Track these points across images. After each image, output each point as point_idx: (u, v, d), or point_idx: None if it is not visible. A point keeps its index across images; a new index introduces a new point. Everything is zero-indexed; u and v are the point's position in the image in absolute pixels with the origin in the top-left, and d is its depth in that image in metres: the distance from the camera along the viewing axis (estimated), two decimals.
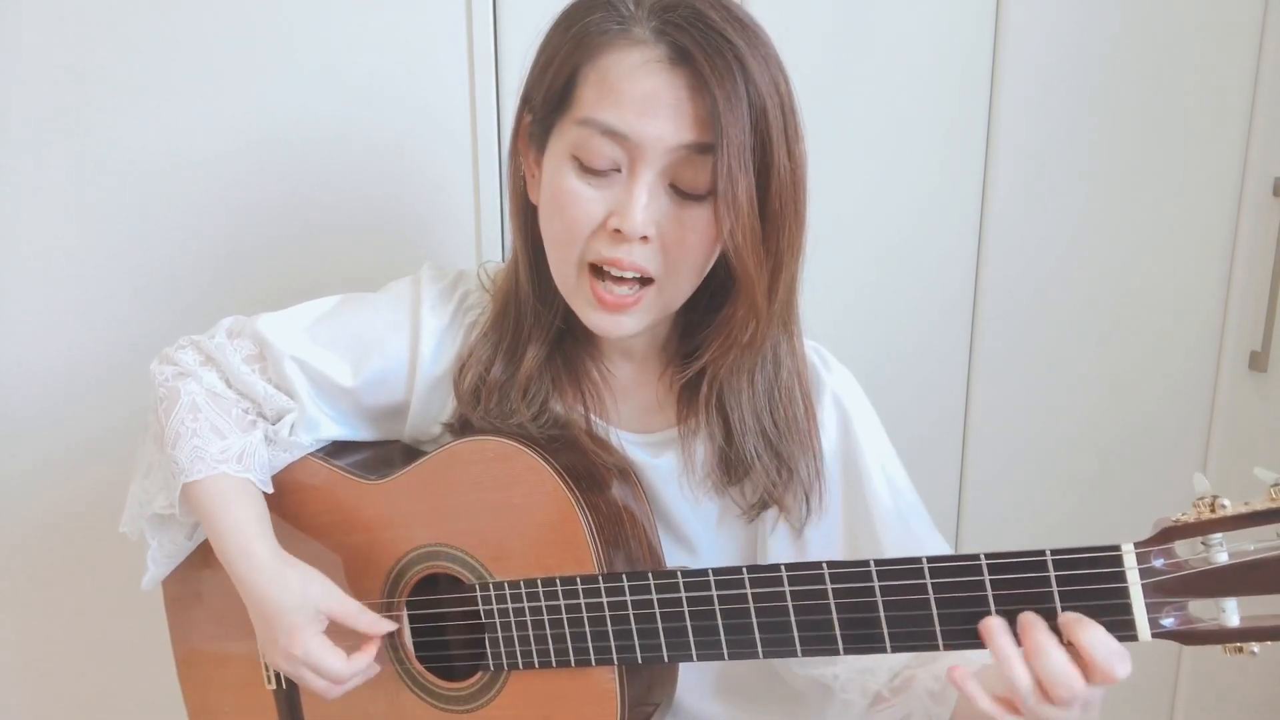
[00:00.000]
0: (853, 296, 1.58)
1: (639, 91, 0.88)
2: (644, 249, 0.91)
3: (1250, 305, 1.63)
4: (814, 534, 1.04)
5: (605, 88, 0.89)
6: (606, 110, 0.89)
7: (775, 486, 1.01)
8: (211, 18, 1.31)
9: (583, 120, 0.90)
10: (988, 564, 0.82)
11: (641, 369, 1.06)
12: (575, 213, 0.92)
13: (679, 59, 0.87)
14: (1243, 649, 0.76)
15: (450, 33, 1.36)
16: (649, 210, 0.90)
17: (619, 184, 0.91)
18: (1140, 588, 0.77)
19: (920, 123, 1.54)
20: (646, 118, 0.88)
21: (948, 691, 0.96)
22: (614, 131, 0.88)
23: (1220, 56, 1.57)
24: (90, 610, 1.45)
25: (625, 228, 0.89)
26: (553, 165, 0.93)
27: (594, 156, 0.90)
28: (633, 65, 0.88)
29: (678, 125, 0.88)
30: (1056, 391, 1.65)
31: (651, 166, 0.89)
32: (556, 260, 0.96)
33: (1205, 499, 0.77)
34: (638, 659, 0.95)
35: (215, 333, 1.10)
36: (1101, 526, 1.69)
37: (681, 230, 0.91)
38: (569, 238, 0.93)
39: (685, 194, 0.91)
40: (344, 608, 1.01)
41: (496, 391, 1.02)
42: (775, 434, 1.00)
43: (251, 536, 1.01)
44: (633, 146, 0.89)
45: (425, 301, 1.06)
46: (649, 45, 0.88)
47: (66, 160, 1.32)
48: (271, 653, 1.02)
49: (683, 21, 0.87)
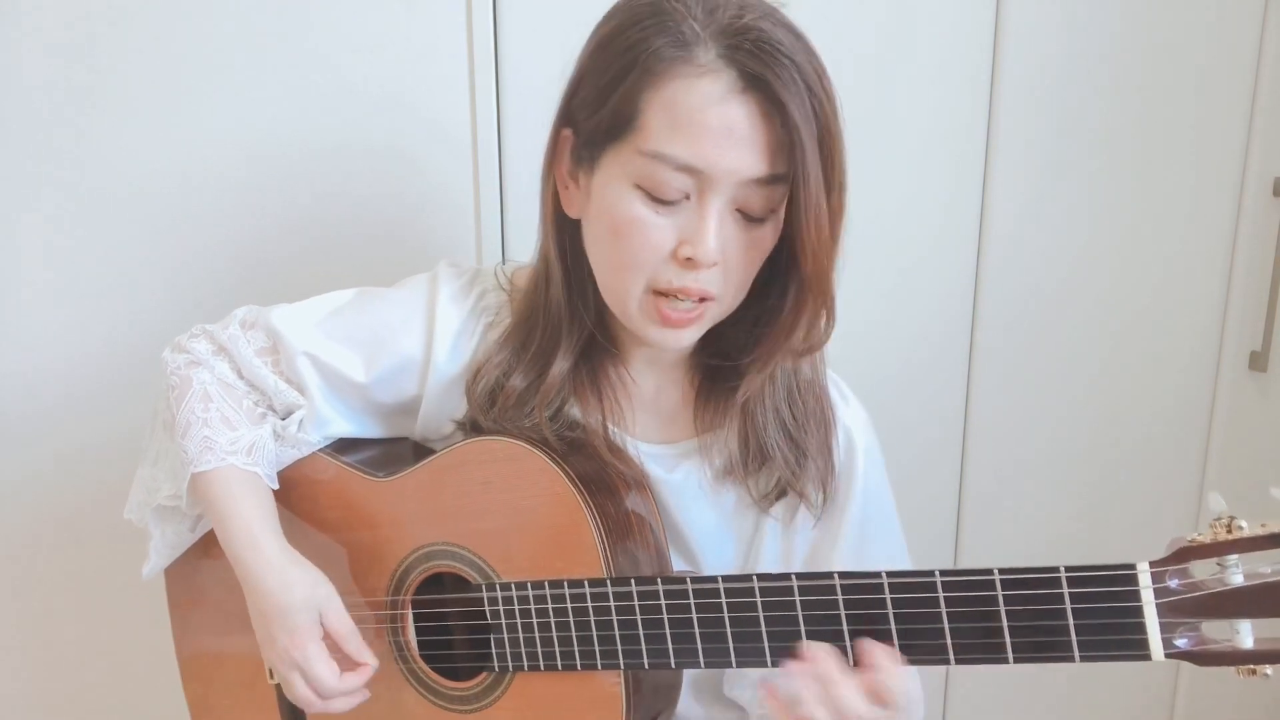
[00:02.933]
0: (852, 298, 1.56)
1: (713, 126, 0.86)
2: (710, 273, 0.91)
3: (1250, 305, 1.64)
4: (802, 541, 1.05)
5: (675, 120, 0.86)
6: (678, 145, 0.86)
7: (794, 475, 1.02)
8: (212, 21, 1.29)
9: (653, 154, 0.87)
10: (1001, 579, 0.82)
11: (665, 376, 1.06)
12: (643, 240, 0.90)
13: (749, 85, 0.85)
14: (1256, 671, 0.76)
15: (450, 33, 1.35)
16: (719, 237, 0.89)
17: (687, 211, 0.89)
18: (1155, 607, 0.77)
19: (920, 124, 1.54)
20: (721, 151, 0.86)
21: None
22: (689, 167, 0.87)
23: (1220, 56, 1.57)
24: (92, 606, 1.44)
25: (699, 255, 0.89)
26: (613, 191, 0.91)
27: (664, 189, 0.88)
28: (704, 96, 0.86)
29: (753, 159, 0.87)
30: (1056, 391, 1.66)
31: (721, 195, 0.88)
32: (617, 283, 0.94)
33: (1222, 519, 0.76)
34: (644, 664, 0.95)
35: (229, 323, 1.09)
36: (1101, 527, 1.70)
37: (743, 251, 0.92)
38: (635, 264, 0.91)
39: (750, 217, 0.91)
40: (341, 623, 1.00)
41: (515, 397, 1.02)
42: (794, 425, 1.01)
43: (259, 531, 1.01)
44: (705, 178, 0.87)
45: (441, 298, 1.05)
46: (718, 74, 0.85)
47: (69, 162, 1.30)
48: (269, 651, 1.01)
49: (752, 46, 0.85)
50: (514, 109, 1.36)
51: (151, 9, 1.27)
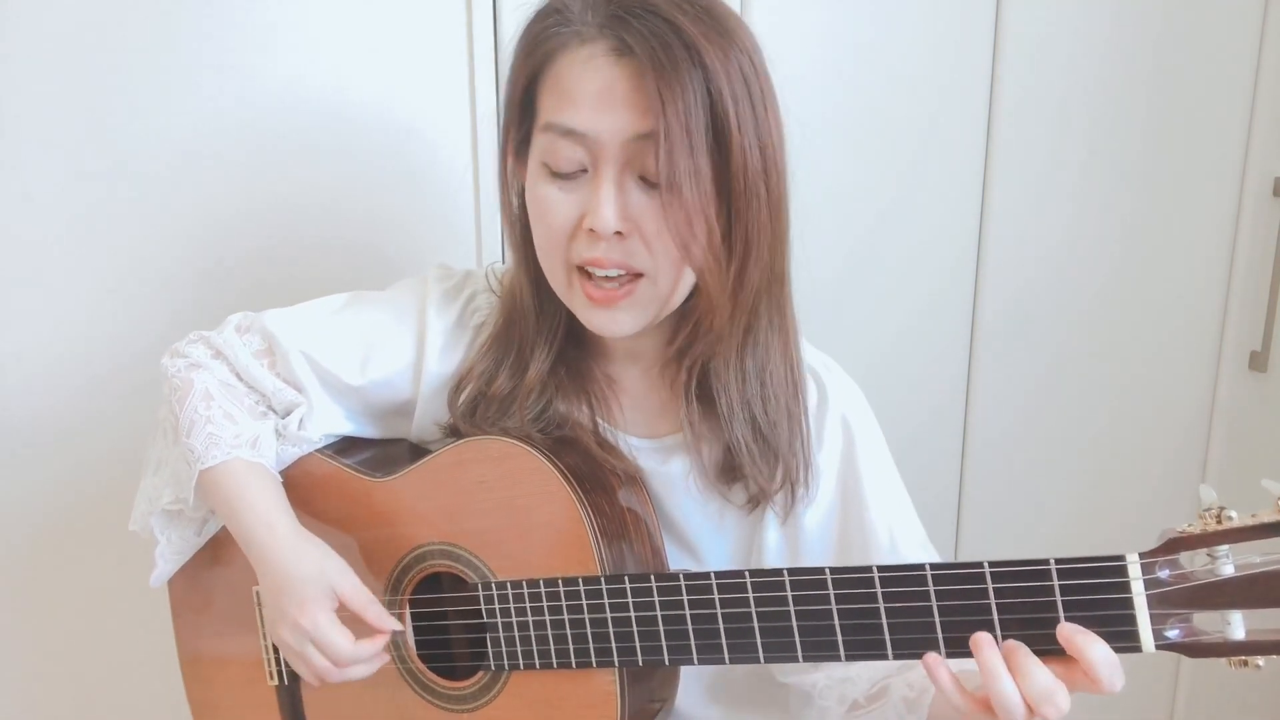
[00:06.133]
0: (852, 299, 1.58)
1: (589, 89, 0.88)
2: (623, 245, 0.91)
3: (1250, 305, 1.64)
4: (806, 536, 1.04)
5: (560, 91, 0.90)
6: (563, 112, 0.89)
7: (763, 477, 1.00)
8: (213, 20, 1.30)
9: (545, 126, 0.91)
10: (991, 572, 0.81)
11: (648, 371, 1.06)
12: (551, 218, 0.93)
13: (623, 49, 0.87)
14: (1247, 662, 0.75)
15: (450, 34, 1.36)
16: (617, 205, 0.90)
17: (587, 184, 0.91)
18: (1145, 599, 0.77)
19: (920, 124, 1.54)
20: (599, 113, 0.88)
21: (922, 699, 0.96)
22: (571, 131, 0.89)
23: (1220, 56, 1.57)
24: (94, 609, 1.45)
25: (597, 225, 0.89)
26: (530, 176, 0.95)
27: (560, 160, 0.91)
28: (581, 63, 0.89)
29: (627, 117, 0.88)
30: (1056, 391, 1.66)
31: (612, 162, 0.89)
32: (547, 267, 0.97)
33: (1212, 510, 0.76)
34: (638, 661, 0.95)
35: (224, 328, 1.10)
36: (1101, 527, 1.69)
37: (659, 220, 0.90)
38: (551, 243, 0.94)
39: (653, 184, 0.90)
40: (356, 592, 1.00)
41: (497, 402, 1.02)
42: (765, 422, 1.00)
43: (272, 509, 1.01)
44: (592, 144, 0.89)
45: (432, 301, 1.06)
46: (595, 41, 0.89)
47: (65, 166, 1.31)
48: (279, 625, 1.01)
49: (624, 13, 0.87)
50: None
51: (150, 9, 1.28)
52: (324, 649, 0.98)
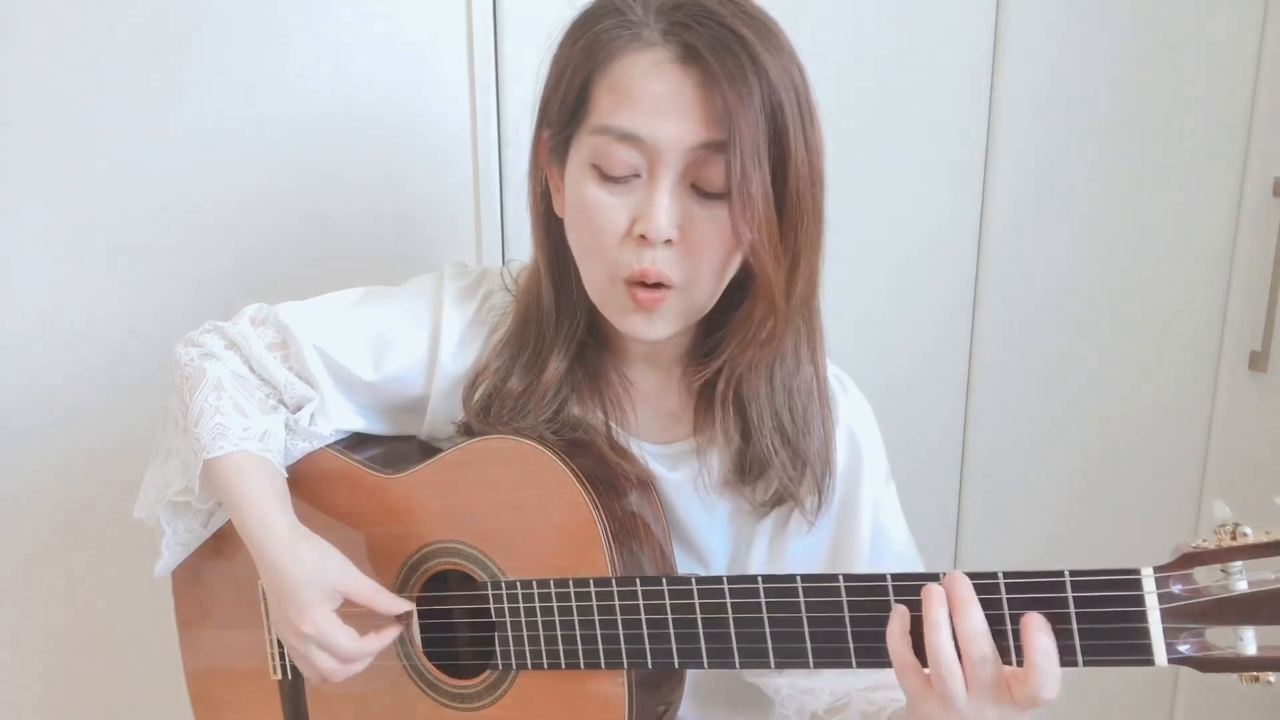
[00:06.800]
0: (852, 299, 1.58)
1: (652, 94, 0.87)
2: (668, 253, 0.90)
3: (1250, 305, 1.64)
4: (795, 547, 1.04)
5: (618, 93, 0.89)
6: (621, 115, 0.88)
7: (791, 481, 1.00)
8: (213, 20, 1.29)
9: (599, 128, 0.90)
10: (1005, 582, 0.81)
11: (665, 376, 1.06)
12: (600, 222, 0.91)
13: (689, 58, 0.87)
14: (1259, 678, 0.76)
15: (450, 34, 1.35)
16: (671, 212, 0.89)
17: (640, 189, 0.90)
18: (1159, 613, 0.77)
19: (920, 125, 1.54)
20: (661, 119, 0.87)
21: (880, 715, 0.98)
22: (630, 136, 0.88)
23: (1220, 56, 1.58)
24: (95, 602, 1.44)
25: (649, 232, 0.89)
26: (574, 177, 0.93)
27: (613, 164, 0.89)
28: (644, 68, 0.88)
29: (692, 125, 0.87)
30: (1057, 391, 1.66)
31: (670, 168, 0.88)
32: (587, 271, 0.96)
33: (1226, 526, 0.76)
34: (648, 664, 0.95)
35: (239, 319, 1.09)
36: (1102, 527, 1.70)
37: (705, 230, 0.90)
38: (597, 247, 0.92)
39: (707, 194, 0.90)
40: (360, 587, 1.00)
41: (512, 401, 1.02)
42: (793, 429, 1.00)
43: (270, 509, 1.01)
44: (650, 150, 0.88)
45: (448, 298, 1.06)
46: (658, 47, 0.88)
47: (73, 163, 1.30)
48: (282, 628, 1.01)
49: (690, 20, 0.87)
50: (514, 109, 1.36)
51: (151, 9, 1.27)
52: (329, 649, 0.98)
